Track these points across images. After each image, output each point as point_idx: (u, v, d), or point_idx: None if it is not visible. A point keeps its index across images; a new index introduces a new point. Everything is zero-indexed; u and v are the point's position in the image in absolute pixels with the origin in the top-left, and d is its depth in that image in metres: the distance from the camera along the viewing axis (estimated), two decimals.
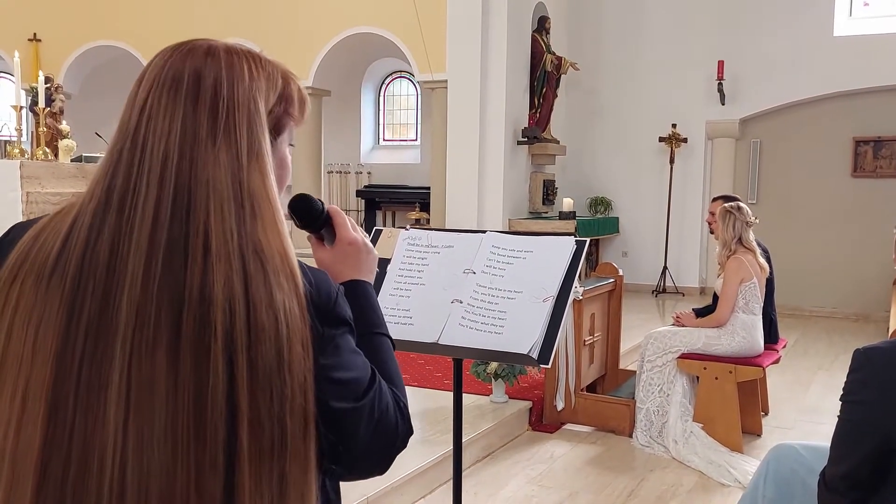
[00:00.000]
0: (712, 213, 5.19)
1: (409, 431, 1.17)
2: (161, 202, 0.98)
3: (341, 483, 1.19)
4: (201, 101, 1.03)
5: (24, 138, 6.84)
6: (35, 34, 11.69)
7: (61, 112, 7.30)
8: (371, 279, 1.27)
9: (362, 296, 1.23)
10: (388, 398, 1.13)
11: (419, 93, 13.03)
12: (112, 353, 0.95)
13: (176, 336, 0.95)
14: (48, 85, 7.26)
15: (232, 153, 1.02)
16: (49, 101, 7.18)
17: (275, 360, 0.97)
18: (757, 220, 4.90)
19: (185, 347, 0.95)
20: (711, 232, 5.17)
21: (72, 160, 6.96)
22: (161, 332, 0.95)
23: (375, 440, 1.10)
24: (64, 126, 7.09)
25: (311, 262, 1.20)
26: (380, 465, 1.15)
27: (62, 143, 6.91)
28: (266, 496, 0.97)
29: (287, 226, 1.07)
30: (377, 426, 1.10)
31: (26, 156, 6.57)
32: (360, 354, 1.11)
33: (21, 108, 6.77)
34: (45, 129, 6.83)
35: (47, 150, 6.74)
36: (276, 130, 1.11)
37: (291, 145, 1.19)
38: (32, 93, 7.22)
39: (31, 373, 0.96)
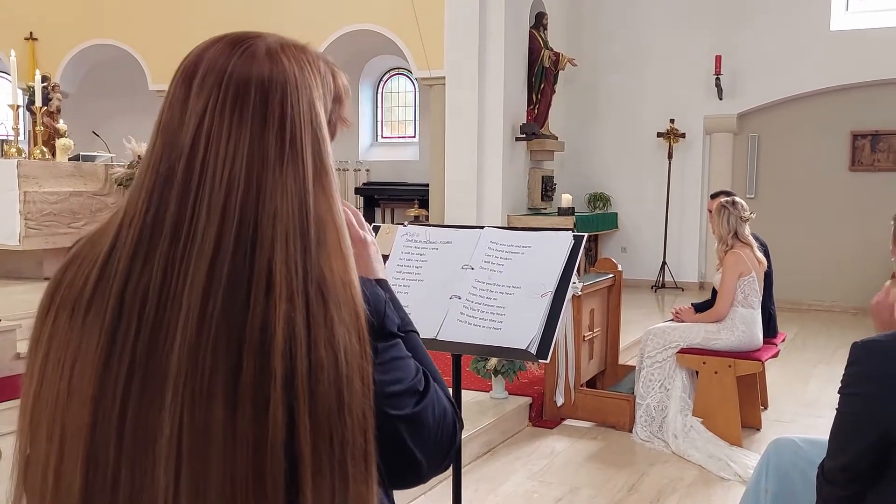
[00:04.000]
0: (711, 211, 5.21)
1: (462, 424, 1.12)
2: (223, 234, 0.88)
3: None
4: (269, 121, 0.92)
5: (21, 137, 6.83)
6: (32, 33, 11.67)
7: (58, 111, 7.30)
8: (384, 274, 1.18)
9: (391, 296, 1.16)
10: (441, 395, 1.08)
11: (417, 90, 13.02)
12: (162, 399, 0.87)
13: (234, 383, 0.86)
14: (45, 84, 7.26)
15: (299, 177, 0.93)
16: (46, 100, 7.17)
17: (335, 402, 0.89)
18: (753, 215, 4.90)
19: (243, 396, 0.86)
20: (712, 228, 5.16)
21: (69, 159, 6.95)
22: (217, 378, 0.86)
23: (437, 442, 1.05)
24: (61, 125, 7.09)
25: None
26: (444, 463, 1.09)
27: (59, 142, 6.91)
28: None
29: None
30: (439, 425, 1.05)
31: (23, 155, 6.56)
32: (410, 359, 1.05)
33: (18, 107, 6.76)
34: (42, 129, 6.82)
35: (44, 149, 6.74)
36: (331, 137, 1.03)
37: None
38: (29, 92, 7.21)
39: (66, 413, 0.90)
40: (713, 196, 5.44)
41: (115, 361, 0.89)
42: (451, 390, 2.67)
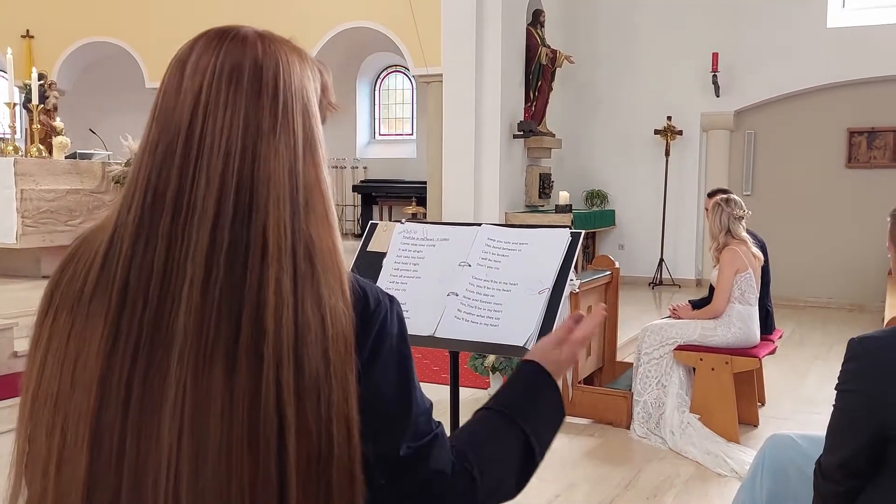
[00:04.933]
0: (708, 210, 5.22)
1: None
2: (222, 201, 0.92)
3: None
4: (263, 93, 0.96)
5: (17, 135, 6.83)
6: (28, 31, 11.65)
7: (55, 109, 7.29)
8: (557, 377, 1.21)
9: (530, 378, 1.20)
10: (447, 460, 1.04)
11: (414, 87, 13.01)
12: (167, 366, 0.89)
13: (234, 345, 0.89)
14: (42, 82, 7.25)
15: (290, 145, 0.97)
16: (43, 97, 7.16)
17: (321, 362, 0.92)
18: (749, 213, 4.91)
19: (242, 356, 0.89)
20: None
21: (66, 157, 6.95)
22: (220, 341, 0.89)
23: None
24: (58, 123, 7.09)
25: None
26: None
27: (56, 140, 6.90)
28: None
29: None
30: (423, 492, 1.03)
31: (20, 153, 6.56)
32: (416, 387, 1.05)
33: (15, 105, 6.75)
34: (38, 126, 6.82)
35: (41, 146, 6.73)
36: (322, 120, 1.07)
37: None
38: (26, 90, 7.20)
39: (69, 404, 0.91)
40: (710, 195, 5.45)
41: (122, 341, 0.91)
42: (448, 387, 2.68)
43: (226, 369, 0.89)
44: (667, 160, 10.39)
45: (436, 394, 5.00)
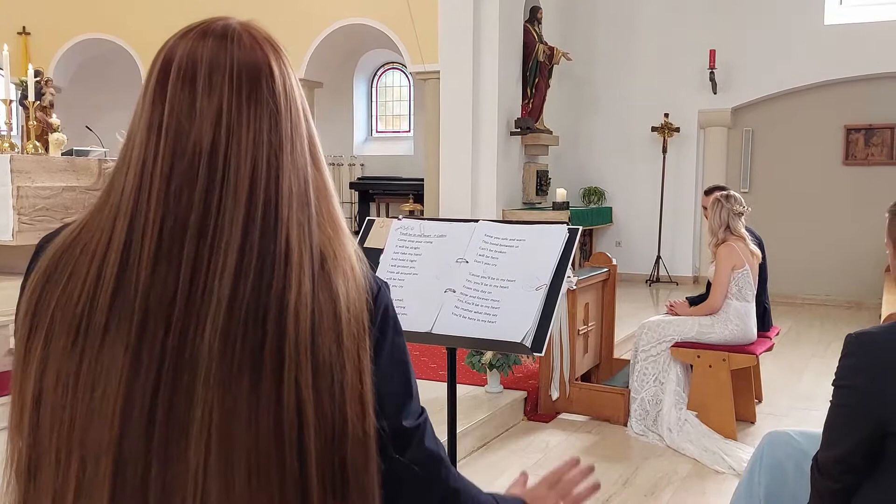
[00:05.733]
0: (705, 208, 5.22)
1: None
2: (250, 221, 0.91)
3: None
4: (280, 105, 0.96)
5: (13, 132, 6.81)
6: (24, 27, 11.61)
7: (51, 106, 7.27)
8: None
9: None
10: (437, 442, 1.10)
11: (412, 84, 13.00)
12: (193, 389, 0.89)
13: (260, 353, 0.90)
14: (38, 78, 7.23)
15: (302, 153, 0.98)
16: (39, 94, 7.14)
17: (335, 347, 0.93)
18: (749, 210, 4.90)
19: (266, 364, 0.90)
20: None
21: (62, 154, 6.93)
22: (245, 353, 0.89)
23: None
24: (54, 120, 7.06)
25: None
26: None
27: (52, 137, 6.88)
28: (330, 488, 0.93)
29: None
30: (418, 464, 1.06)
31: (16, 150, 6.54)
32: (409, 369, 1.08)
33: (10, 101, 6.74)
34: (35, 123, 6.80)
35: (37, 143, 6.71)
36: None
37: None
38: (22, 86, 7.18)
39: (86, 437, 0.89)
40: (707, 192, 5.45)
41: (143, 369, 0.89)
42: (445, 384, 2.67)
43: (251, 380, 0.89)
44: (664, 157, 10.39)
45: (433, 391, 4.97)
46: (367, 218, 2.75)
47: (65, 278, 0.92)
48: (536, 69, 9.64)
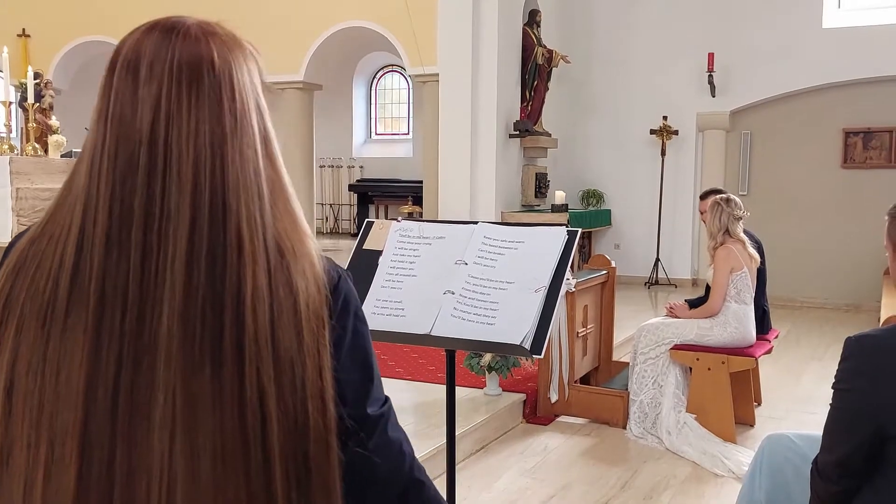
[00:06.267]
0: (703, 212, 5.22)
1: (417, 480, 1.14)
2: (197, 208, 0.93)
3: None
4: (223, 96, 0.97)
5: (13, 134, 6.81)
6: (24, 29, 11.61)
7: (51, 108, 7.26)
8: None
9: None
10: (399, 430, 1.11)
11: (411, 86, 13.01)
12: (154, 373, 0.90)
13: (220, 343, 0.92)
14: (37, 80, 7.23)
15: (251, 145, 0.99)
16: (38, 96, 7.14)
17: (295, 343, 0.95)
18: (748, 213, 4.90)
19: (227, 353, 0.92)
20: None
21: (62, 156, 6.92)
22: (206, 341, 0.91)
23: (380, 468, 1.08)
24: (53, 122, 7.06)
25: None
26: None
27: (52, 139, 6.88)
28: (294, 481, 0.95)
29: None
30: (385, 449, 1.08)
31: (16, 152, 6.54)
32: (370, 357, 1.09)
33: (10, 103, 6.73)
34: (34, 125, 6.80)
35: (37, 145, 6.71)
36: None
37: None
38: (21, 88, 7.18)
39: (54, 422, 0.91)
40: (703, 196, 5.46)
41: (104, 352, 0.91)
42: (444, 387, 2.67)
43: (213, 367, 0.91)
44: (663, 160, 10.40)
45: (432, 393, 4.96)
46: (367, 220, 2.75)
47: (33, 268, 0.95)
48: (535, 72, 9.65)
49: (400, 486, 1.11)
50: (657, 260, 10.43)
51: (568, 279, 4.71)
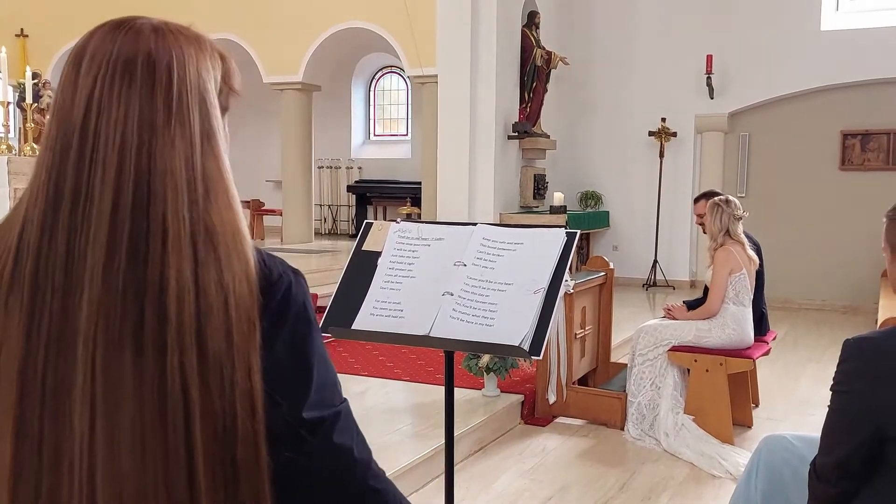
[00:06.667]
0: (699, 216, 5.22)
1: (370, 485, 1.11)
2: (120, 194, 0.95)
3: None
4: (157, 87, 0.99)
5: (11, 134, 6.80)
6: (22, 30, 11.62)
7: (49, 108, 7.26)
8: None
9: None
10: (351, 437, 1.08)
11: (409, 88, 13.01)
12: (74, 354, 0.92)
13: (140, 330, 0.92)
14: (36, 81, 7.23)
15: (186, 137, 0.99)
16: (37, 96, 7.14)
17: (224, 343, 0.95)
18: (746, 214, 4.91)
19: (147, 343, 0.92)
20: (704, 231, 5.14)
21: None
22: (127, 326, 0.92)
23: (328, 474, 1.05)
24: None
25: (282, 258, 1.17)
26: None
27: None
28: (220, 485, 0.94)
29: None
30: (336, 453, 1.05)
31: (14, 152, 6.54)
32: (319, 357, 1.06)
33: (8, 104, 6.73)
34: (32, 125, 6.79)
35: (35, 146, 6.71)
36: (224, 109, 1.09)
37: None
38: (20, 89, 7.18)
39: (1, 400, 0.94)
40: (696, 200, 5.46)
41: (35, 331, 0.94)
42: (443, 388, 2.67)
43: (134, 354, 0.92)
44: (661, 162, 10.41)
45: (430, 394, 4.96)
46: (365, 221, 2.75)
47: None
48: (534, 73, 9.66)
49: (351, 494, 1.08)
50: (655, 261, 10.44)
51: (566, 280, 4.71)
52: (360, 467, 1.08)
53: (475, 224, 2.56)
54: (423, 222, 2.68)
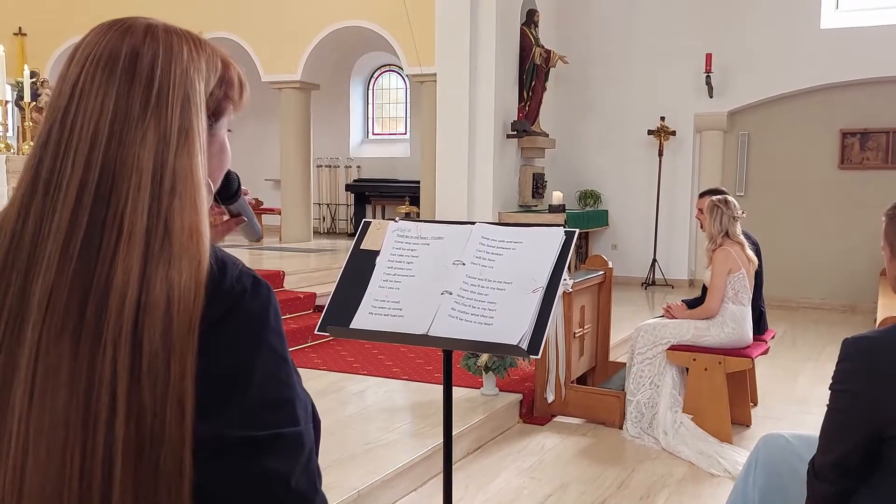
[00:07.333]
0: (700, 210, 5.22)
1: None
2: (85, 184, 0.96)
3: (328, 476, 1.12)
4: (136, 80, 0.99)
5: (9, 133, 6.80)
6: (20, 28, 11.60)
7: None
8: None
9: None
10: (291, 466, 0.99)
11: (408, 86, 13.01)
12: (23, 337, 0.94)
13: (80, 322, 0.93)
14: (34, 79, 7.22)
15: (160, 132, 0.99)
16: (35, 95, 7.13)
17: (161, 343, 0.93)
18: (745, 214, 4.91)
19: (85, 334, 0.93)
20: (702, 227, 5.17)
21: None
22: (69, 317, 0.93)
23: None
24: None
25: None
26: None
27: None
28: (139, 489, 0.91)
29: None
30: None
31: (12, 151, 6.53)
32: (263, 373, 0.99)
33: (7, 102, 6.72)
34: (30, 124, 6.79)
35: (33, 144, 6.71)
36: (216, 114, 1.08)
37: (229, 130, 1.15)
38: (18, 87, 7.17)
39: None
40: (702, 195, 5.45)
41: (3, 315, 0.96)
42: (441, 387, 2.67)
43: (72, 342, 0.93)
44: (660, 161, 10.41)
45: (429, 393, 4.97)
46: (364, 220, 2.74)
47: None
48: (533, 72, 9.66)
49: None
50: (654, 260, 10.44)
51: (565, 279, 4.71)
52: (294, 499, 0.99)
53: (474, 223, 2.56)
54: (421, 221, 2.68)
